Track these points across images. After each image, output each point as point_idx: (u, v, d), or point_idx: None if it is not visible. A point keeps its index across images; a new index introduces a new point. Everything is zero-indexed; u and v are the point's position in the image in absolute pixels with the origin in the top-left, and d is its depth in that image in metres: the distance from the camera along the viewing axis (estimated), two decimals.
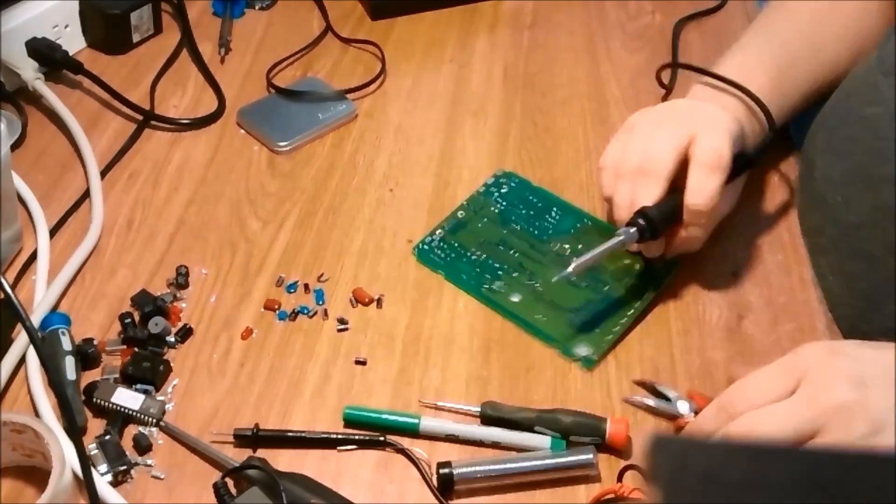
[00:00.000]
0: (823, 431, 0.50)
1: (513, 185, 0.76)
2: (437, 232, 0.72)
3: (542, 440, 0.58)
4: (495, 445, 0.59)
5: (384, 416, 0.60)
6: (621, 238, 0.64)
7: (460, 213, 0.73)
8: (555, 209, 0.74)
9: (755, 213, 0.75)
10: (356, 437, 0.59)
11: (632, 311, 0.66)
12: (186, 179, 0.77)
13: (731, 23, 0.93)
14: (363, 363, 0.64)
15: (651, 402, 0.60)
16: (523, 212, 0.73)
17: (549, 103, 0.85)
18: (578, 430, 0.58)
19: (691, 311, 0.68)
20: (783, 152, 0.79)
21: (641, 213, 0.64)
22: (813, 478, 0.22)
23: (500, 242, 0.71)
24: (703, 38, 0.92)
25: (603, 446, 0.58)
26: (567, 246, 0.70)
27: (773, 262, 0.71)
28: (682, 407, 0.59)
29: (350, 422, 0.60)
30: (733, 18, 0.94)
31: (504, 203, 0.74)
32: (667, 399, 0.60)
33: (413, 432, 0.59)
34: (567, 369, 0.64)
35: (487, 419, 0.60)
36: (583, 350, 0.64)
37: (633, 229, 0.64)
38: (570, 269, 0.63)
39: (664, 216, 0.65)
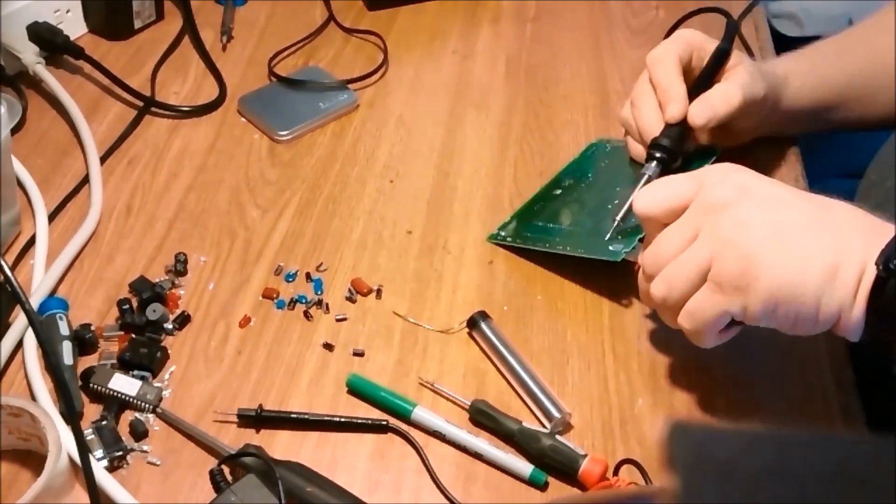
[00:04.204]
0: (713, 264, 0.53)
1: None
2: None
3: (524, 466, 0.57)
4: (477, 456, 0.58)
5: (382, 394, 0.60)
6: (647, 174, 0.68)
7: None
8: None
9: None
10: (359, 421, 0.59)
11: None
12: (186, 166, 0.77)
13: None
14: (361, 354, 0.63)
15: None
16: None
17: (552, 97, 0.85)
18: (554, 457, 0.57)
19: None
20: (786, 146, 0.79)
21: (655, 145, 0.69)
22: (835, 466, 0.22)
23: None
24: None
25: (572, 479, 0.57)
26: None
27: None
28: None
29: (352, 389, 0.61)
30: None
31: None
32: None
33: (405, 418, 0.59)
34: (564, 362, 0.64)
35: (475, 413, 0.60)
36: (618, 246, 0.66)
37: (653, 163, 0.68)
38: (615, 221, 0.66)
39: (677, 140, 0.69)
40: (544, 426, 0.59)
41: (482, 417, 0.59)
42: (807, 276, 0.51)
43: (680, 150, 0.69)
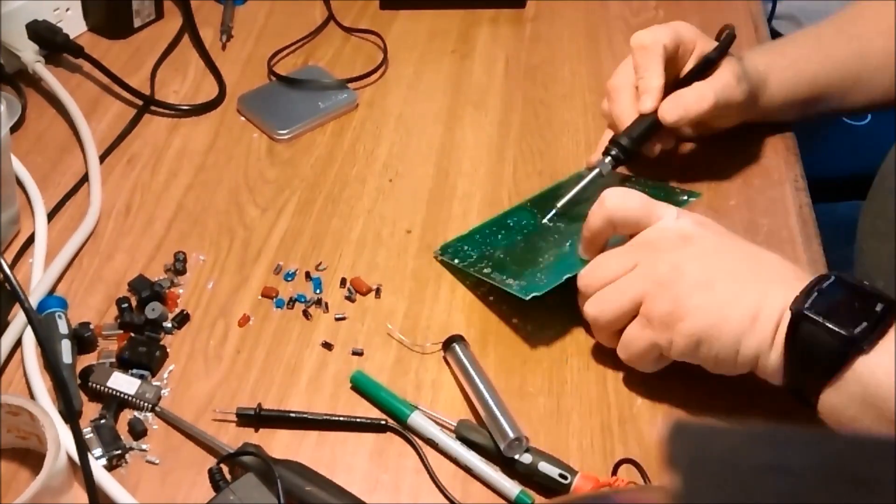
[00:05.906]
0: (645, 300, 0.57)
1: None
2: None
3: (512, 487, 0.56)
4: (467, 470, 0.57)
5: (383, 394, 0.60)
6: (598, 170, 0.70)
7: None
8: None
9: (755, 213, 0.75)
10: (358, 420, 0.59)
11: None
12: (185, 165, 0.77)
13: (737, 21, 0.93)
14: (360, 354, 0.63)
15: None
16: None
17: (551, 96, 0.85)
18: (541, 478, 0.56)
19: None
20: (785, 149, 0.79)
21: (614, 141, 0.70)
22: (835, 464, 0.22)
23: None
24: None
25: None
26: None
27: None
28: None
29: (356, 386, 0.61)
30: (738, 17, 0.94)
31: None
32: None
33: (401, 421, 0.59)
34: (563, 361, 0.64)
35: (460, 436, 0.58)
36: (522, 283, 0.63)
37: (607, 159, 0.70)
38: (557, 206, 0.69)
39: (636, 140, 0.70)
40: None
41: (466, 437, 0.58)
42: (727, 320, 0.55)
43: (638, 148, 0.71)
